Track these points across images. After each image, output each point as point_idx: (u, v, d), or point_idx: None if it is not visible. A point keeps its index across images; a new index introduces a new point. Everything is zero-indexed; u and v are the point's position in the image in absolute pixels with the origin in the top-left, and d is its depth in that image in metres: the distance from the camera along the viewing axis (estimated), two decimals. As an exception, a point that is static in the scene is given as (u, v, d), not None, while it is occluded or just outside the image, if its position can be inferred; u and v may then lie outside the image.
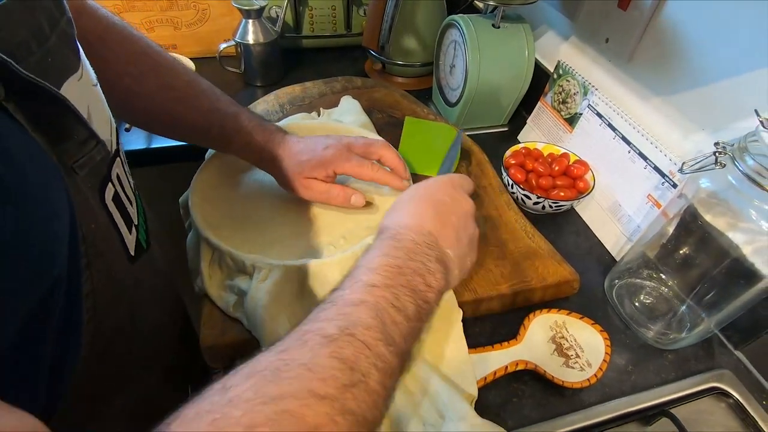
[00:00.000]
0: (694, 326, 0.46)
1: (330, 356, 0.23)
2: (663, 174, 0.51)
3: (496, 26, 0.66)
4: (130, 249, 0.33)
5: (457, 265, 0.36)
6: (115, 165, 0.32)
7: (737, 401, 0.44)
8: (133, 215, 0.34)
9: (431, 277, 0.32)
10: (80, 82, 0.29)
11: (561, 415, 0.42)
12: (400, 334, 0.27)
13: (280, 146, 0.48)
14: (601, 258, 0.57)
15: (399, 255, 0.32)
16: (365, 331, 0.26)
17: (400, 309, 0.28)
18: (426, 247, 0.33)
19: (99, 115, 0.30)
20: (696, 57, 0.51)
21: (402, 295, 0.29)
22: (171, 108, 0.46)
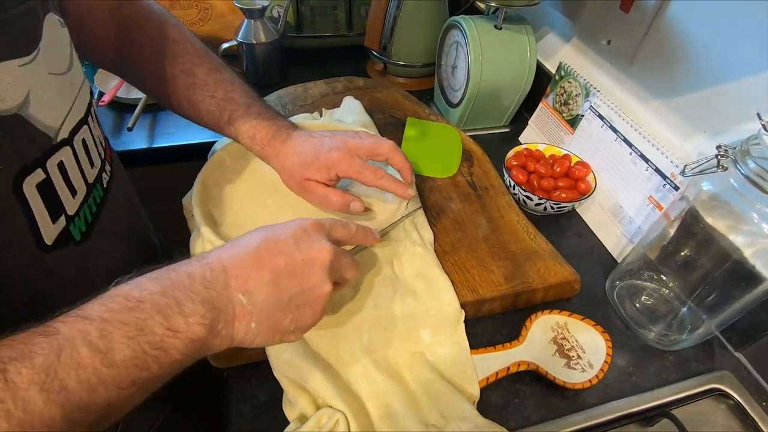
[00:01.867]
0: (695, 328, 0.47)
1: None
2: (664, 176, 0.51)
3: (498, 27, 0.66)
4: (45, 237, 0.31)
5: (252, 318, 0.30)
6: (59, 153, 0.32)
7: (737, 402, 0.44)
8: (71, 205, 0.33)
9: (179, 321, 0.27)
10: (27, 66, 0.29)
11: (563, 416, 0.42)
12: (81, 381, 0.23)
13: (285, 142, 0.49)
14: (602, 259, 0.58)
15: (151, 287, 0.27)
16: (23, 369, 0.22)
17: (99, 351, 0.24)
18: (200, 284, 0.29)
19: (46, 103, 0.31)
20: (698, 60, 0.51)
21: (116, 334, 0.25)
22: (189, 94, 0.48)
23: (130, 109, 0.72)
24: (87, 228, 0.36)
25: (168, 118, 0.75)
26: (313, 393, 0.39)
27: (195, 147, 0.70)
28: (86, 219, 0.36)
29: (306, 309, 0.33)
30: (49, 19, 0.32)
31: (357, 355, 0.42)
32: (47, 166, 0.31)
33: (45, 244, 0.31)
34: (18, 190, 0.29)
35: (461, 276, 0.48)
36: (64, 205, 0.33)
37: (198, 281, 0.29)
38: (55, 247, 0.32)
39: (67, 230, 0.33)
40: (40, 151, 0.30)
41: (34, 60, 0.29)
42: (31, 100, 0.29)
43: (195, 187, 0.49)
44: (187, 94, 0.48)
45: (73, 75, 0.35)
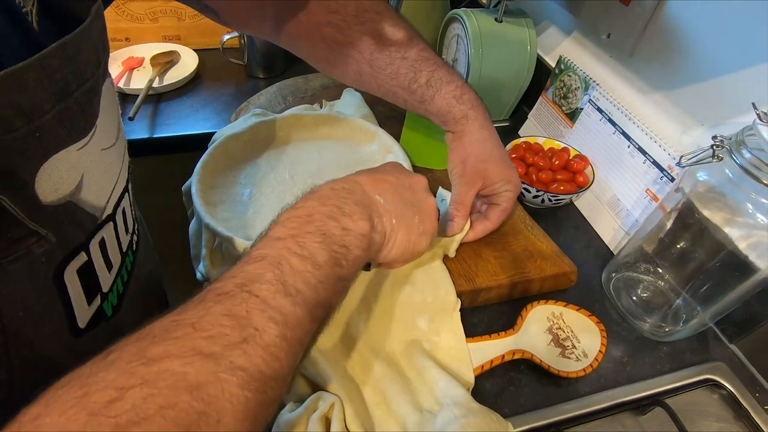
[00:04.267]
0: (689, 319, 0.47)
1: (221, 314, 0.22)
2: (662, 168, 0.52)
3: (498, 21, 0.66)
4: (79, 322, 0.29)
5: (392, 214, 0.33)
6: (101, 231, 0.30)
7: (731, 393, 0.44)
8: (106, 281, 0.31)
9: (347, 220, 0.30)
10: (82, 150, 0.26)
11: (556, 404, 0.42)
12: (306, 283, 0.26)
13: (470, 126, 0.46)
14: (599, 252, 0.58)
15: (309, 204, 0.30)
16: (262, 285, 0.24)
17: (305, 257, 0.27)
18: (344, 191, 0.32)
19: (96, 182, 0.28)
20: (697, 52, 0.51)
21: (309, 243, 0.27)
22: (373, 57, 0.43)
23: (131, 99, 0.73)
24: (119, 300, 0.34)
25: (169, 108, 0.75)
26: (309, 377, 0.39)
27: (195, 137, 0.70)
28: (118, 292, 0.34)
29: (424, 215, 0.37)
30: (106, 87, 0.29)
31: (354, 342, 0.42)
32: (90, 248, 0.29)
33: (79, 328, 0.29)
34: (59, 279, 0.27)
35: (458, 266, 0.48)
36: (101, 284, 0.31)
37: (342, 192, 0.32)
38: (88, 329, 0.30)
39: (101, 308, 0.31)
40: (84, 235, 0.28)
41: (90, 140, 0.27)
42: (84, 183, 0.27)
43: (195, 175, 0.50)
44: (370, 58, 0.43)
45: (120, 144, 0.32)
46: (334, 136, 0.60)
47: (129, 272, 0.35)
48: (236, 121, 0.60)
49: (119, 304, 0.34)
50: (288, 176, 0.54)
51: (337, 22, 0.42)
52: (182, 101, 0.77)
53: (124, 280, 0.35)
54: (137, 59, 0.80)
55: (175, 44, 0.85)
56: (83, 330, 0.30)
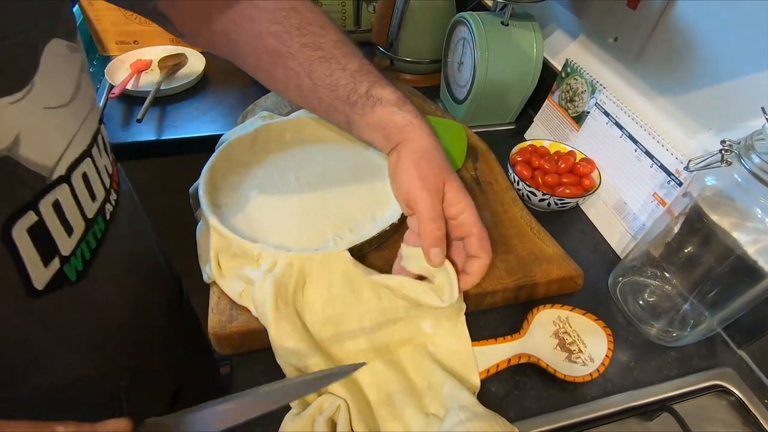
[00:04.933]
0: (697, 324, 0.47)
1: None
2: (669, 172, 0.51)
3: (504, 24, 0.66)
4: (36, 283, 0.29)
5: None
6: (54, 192, 0.29)
7: (739, 399, 0.44)
8: (66, 245, 0.31)
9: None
10: (17, 104, 0.26)
11: (563, 408, 0.42)
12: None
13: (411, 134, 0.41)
14: (605, 256, 0.58)
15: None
16: None
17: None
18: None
19: (40, 140, 0.28)
20: (704, 56, 0.51)
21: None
22: (313, 68, 0.42)
23: (139, 101, 0.73)
24: (84, 266, 0.33)
25: (176, 110, 0.76)
26: (315, 380, 0.39)
27: (202, 139, 0.71)
28: (83, 257, 0.33)
29: None
30: (52, 48, 0.29)
31: (359, 345, 0.42)
32: (40, 208, 0.28)
33: (35, 289, 0.29)
34: (6, 236, 0.27)
35: (464, 269, 0.48)
36: (58, 247, 0.30)
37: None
38: (47, 291, 0.30)
39: (62, 272, 0.31)
40: (31, 194, 0.28)
41: (26, 96, 0.27)
42: (22, 139, 0.27)
43: (202, 177, 0.50)
44: (310, 69, 0.42)
45: (78, 105, 0.32)
46: (341, 139, 0.60)
47: (99, 240, 0.34)
48: (243, 124, 0.61)
49: (85, 270, 0.33)
50: (294, 179, 0.54)
51: (280, 32, 0.41)
52: (189, 103, 0.77)
53: (92, 247, 0.34)
54: (145, 62, 0.81)
55: (183, 47, 0.85)
56: (42, 291, 0.29)
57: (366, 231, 0.48)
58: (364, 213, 0.51)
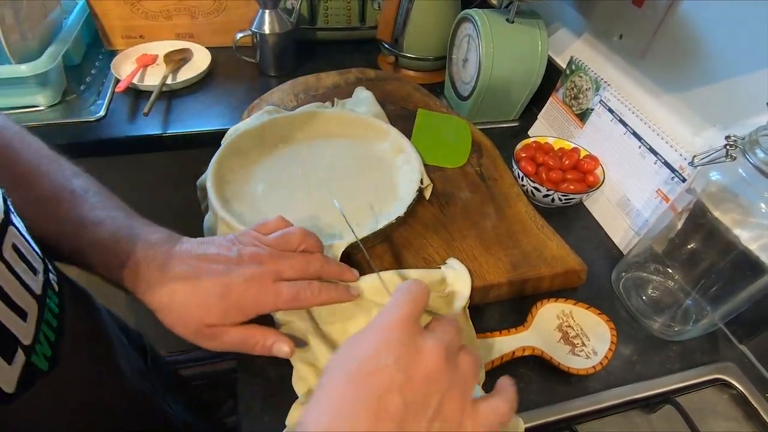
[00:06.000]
0: (699, 319, 0.47)
1: None
2: (673, 169, 0.52)
3: (510, 21, 0.67)
4: (5, 387, 0.24)
5: None
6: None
7: (740, 393, 0.44)
8: (24, 332, 0.26)
9: None
10: None
11: (566, 401, 0.42)
12: None
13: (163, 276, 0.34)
14: (608, 251, 0.58)
15: None
16: None
17: None
18: None
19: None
20: (709, 54, 0.51)
21: None
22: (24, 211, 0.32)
23: (145, 95, 0.74)
24: (53, 350, 0.28)
25: (182, 104, 0.76)
26: (322, 370, 0.39)
27: (208, 134, 0.71)
28: (49, 340, 0.28)
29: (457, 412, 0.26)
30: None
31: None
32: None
33: (6, 394, 0.24)
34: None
35: (469, 263, 0.49)
36: (17, 336, 0.25)
37: None
38: (21, 391, 0.25)
39: (30, 364, 0.26)
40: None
41: None
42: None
43: (210, 169, 0.51)
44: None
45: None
46: (347, 133, 0.60)
47: (58, 316, 0.30)
48: (249, 118, 0.61)
49: (54, 354, 0.28)
50: (301, 173, 0.54)
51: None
52: (195, 98, 0.78)
53: (54, 326, 0.29)
54: (151, 56, 0.82)
55: (189, 42, 0.86)
56: (14, 395, 0.25)
57: (372, 225, 0.48)
58: (370, 207, 0.51)
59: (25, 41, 0.66)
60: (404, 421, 0.24)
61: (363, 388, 0.24)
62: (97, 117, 0.70)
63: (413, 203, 0.50)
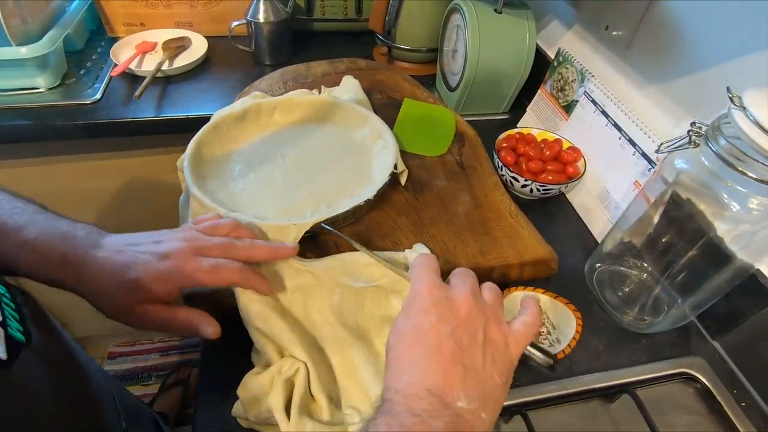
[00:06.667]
0: (670, 309, 0.46)
1: None
2: (650, 160, 0.51)
3: (498, 11, 0.67)
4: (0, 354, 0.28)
5: (480, 409, 0.29)
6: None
7: (705, 386, 0.44)
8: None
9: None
10: None
11: (524, 386, 0.42)
12: None
13: (90, 260, 0.35)
14: (586, 244, 0.58)
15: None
16: None
17: None
18: (429, 416, 0.28)
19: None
20: (690, 44, 0.50)
21: None
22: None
23: (141, 81, 0.76)
24: (23, 326, 0.32)
25: (177, 90, 0.78)
26: (279, 344, 0.40)
27: (199, 118, 0.73)
28: (14, 316, 0.32)
29: (498, 354, 0.32)
30: None
31: (326, 316, 0.43)
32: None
33: (2, 360, 0.28)
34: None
35: (437, 247, 0.49)
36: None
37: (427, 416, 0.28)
38: (12, 358, 0.29)
39: (10, 336, 0.30)
40: None
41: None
42: None
43: (188, 149, 0.52)
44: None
45: None
46: (328, 119, 0.61)
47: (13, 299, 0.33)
48: (234, 103, 0.62)
49: (26, 329, 0.32)
50: (279, 155, 0.55)
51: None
52: (190, 84, 0.79)
53: (12, 306, 0.32)
54: (150, 43, 0.84)
55: (187, 30, 0.88)
56: (7, 362, 0.29)
57: (343, 206, 0.49)
58: (343, 190, 0.52)
59: (26, 25, 0.68)
60: (464, 357, 0.30)
61: (425, 345, 0.31)
62: (93, 100, 0.72)
63: (384, 187, 0.51)
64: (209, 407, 0.39)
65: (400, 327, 0.33)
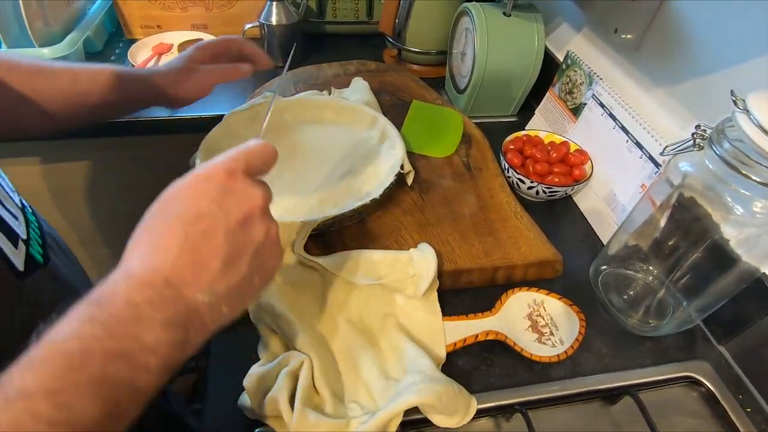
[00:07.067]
0: (675, 312, 0.46)
1: None
2: (657, 163, 0.51)
3: (507, 14, 0.67)
4: (17, 265, 0.33)
5: (222, 304, 0.26)
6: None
7: (709, 391, 0.44)
8: (20, 230, 0.35)
9: (147, 357, 0.23)
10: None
11: (526, 385, 0.43)
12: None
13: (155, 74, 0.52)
14: (592, 246, 0.58)
15: (93, 331, 0.22)
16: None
17: (61, 422, 0.20)
18: (150, 307, 0.23)
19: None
20: (698, 47, 0.50)
21: (74, 401, 0.20)
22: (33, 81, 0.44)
23: (156, 81, 0.77)
24: (43, 249, 0.37)
25: (191, 91, 0.80)
26: (284, 337, 0.41)
27: (211, 118, 0.74)
28: (38, 241, 0.37)
29: (266, 261, 0.29)
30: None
31: (331, 312, 0.44)
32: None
33: (20, 271, 0.33)
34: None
35: (442, 247, 0.50)
36: (16, 231, 0.34)
37: (146, 307, 0.23)
38: (28, 273, 0.34)
39: (30, 255, 0.35)
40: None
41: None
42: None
43: (201, 148, 0.53)
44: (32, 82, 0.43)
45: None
46: (336, 119, 0.62)
47: (40, 228, 0.39)
48: (246, 103, 0.64)
49: (45, 253, 0.37)
50: (288, 154, 0.57)
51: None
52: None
53: (38, 233, 0.38)
54: (166, 45, 0.86)
55: (203, 32, 0.90)
56: (24, 273, 0.33)
57: (349, 205, 0.50)
58: (351, 190, 0.53)
59: (48, 27, 0.71)
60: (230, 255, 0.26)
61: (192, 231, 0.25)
62: (111, 100, 0.74)
63: (390, 186, 0.52)
64: (217, 399, 0.40)
65: (172, 200, 0.27)
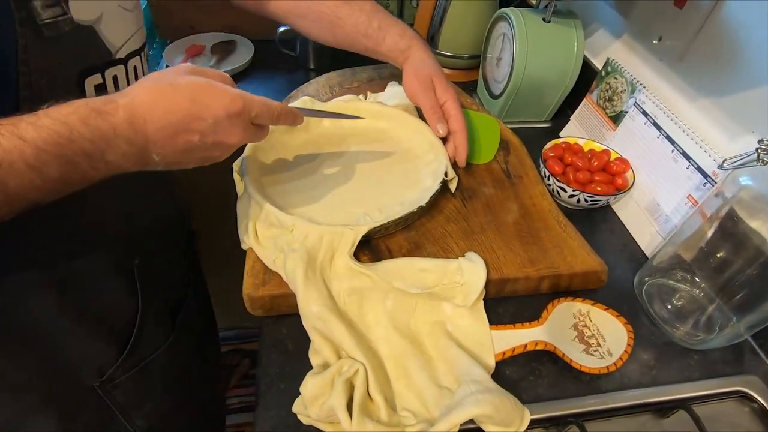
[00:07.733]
0: (724, 328, 0.46)
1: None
2: (705, 174, 0.50)
3: (546, 21, 0.67)
4: None
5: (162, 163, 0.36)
6: (114, 68, 0.40)
7: (762, 406, 0.43)
8: None
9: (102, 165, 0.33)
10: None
11: (575, 397, 0.43)
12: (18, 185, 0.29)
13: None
14: (633, 256, 0.57)
15: (81, 129, 0.31)
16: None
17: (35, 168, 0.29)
18: (123, 141, 0.33)
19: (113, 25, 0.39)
20: (750, 58, 0.50)
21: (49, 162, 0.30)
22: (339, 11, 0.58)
23: (192, 83, 0.78)
24: None
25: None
26: (336, 345, 0.41)
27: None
28: None
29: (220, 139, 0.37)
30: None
31: (380, 319, 0.44)
32: (105, 74, 0.39)
33: None
34: (81, 84, 0.37)
35: (487, 255, 0.49)
36: None
37: (122, 139, 0.33)
38: None
39: None
40: (100, 61, 0.39)
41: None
42: (103, 19, 0.38)
43: (245, 154, 0.54)
44: (337, 11, 0.57)
45: (137, 15, 0.44)
46: (379, 126, 0.62)
47: None
48: (285, 107, 0.64)
49: None
50: (329, 161, 0.57)
51: None
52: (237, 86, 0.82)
53: None
54: (199, 46, 0.86)
55: (234, 35, 0.90)
56: None
57: (394, 212, 0.50)
58: (394, 195, 0.53)
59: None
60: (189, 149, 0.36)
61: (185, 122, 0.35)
62: (147, 101, 0.75)
63: (436, 194, 0.52)
64: (270, 404, 0.41)
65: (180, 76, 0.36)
